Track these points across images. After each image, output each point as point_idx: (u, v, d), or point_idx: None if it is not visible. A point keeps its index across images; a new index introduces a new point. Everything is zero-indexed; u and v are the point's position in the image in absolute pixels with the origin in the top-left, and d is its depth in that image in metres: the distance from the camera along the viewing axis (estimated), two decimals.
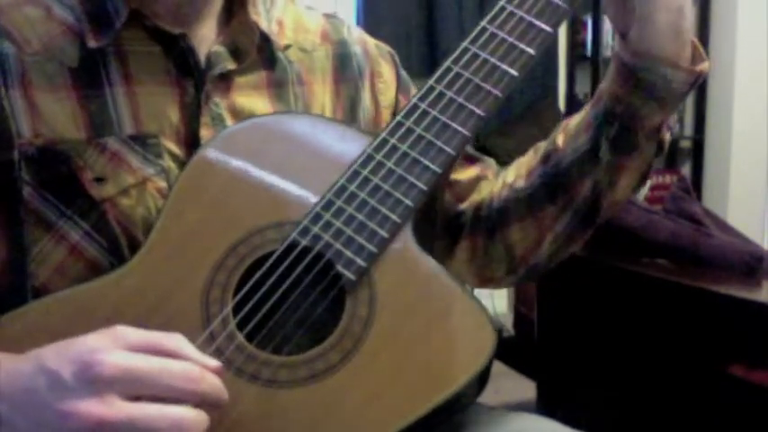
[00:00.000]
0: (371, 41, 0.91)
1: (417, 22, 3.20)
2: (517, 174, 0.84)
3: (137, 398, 0.56)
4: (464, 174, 0.88)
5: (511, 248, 0.84)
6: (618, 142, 0.75)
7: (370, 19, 3.08)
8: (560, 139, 0.80)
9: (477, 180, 0.88)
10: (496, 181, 0.86)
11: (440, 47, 3.16)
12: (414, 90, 0.90)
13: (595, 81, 3.38)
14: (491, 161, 0.91)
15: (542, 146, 0.83)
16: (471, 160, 0.90)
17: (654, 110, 0.73)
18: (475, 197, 0.87)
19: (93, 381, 0.56)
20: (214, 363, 0.60)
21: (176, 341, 0.59)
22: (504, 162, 0.89)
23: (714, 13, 3.86)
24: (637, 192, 0.81)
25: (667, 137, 0.78)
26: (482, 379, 0.66)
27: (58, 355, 0.58)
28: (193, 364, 0.58)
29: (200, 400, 0.57)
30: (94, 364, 0.56)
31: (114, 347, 0.57)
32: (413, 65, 3.02)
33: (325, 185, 0.69)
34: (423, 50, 3.19)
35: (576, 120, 0.80)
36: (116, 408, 0.55)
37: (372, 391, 0.64)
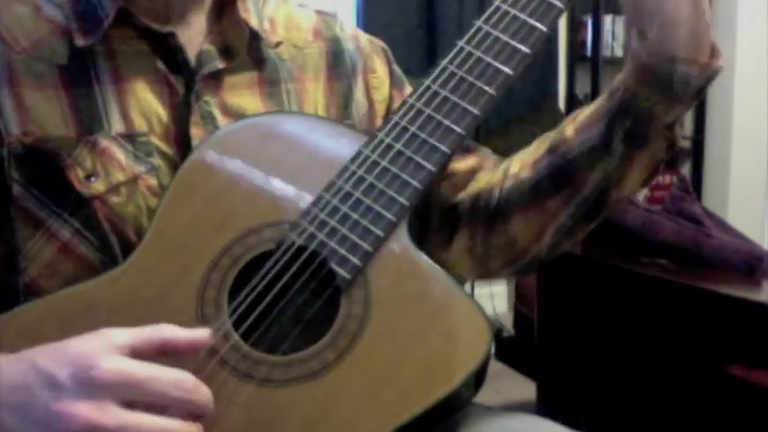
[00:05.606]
0: (365, 37, 0.91)
1: (417, 23, 3.20)
2: (522, 164, 0.83)
3: (129, 402, 0.57)
4: (461, 164, 0.87)
5: (512, 239, 0.83)
6: (630, 135, 0.75)
7: (370, 19, 3.07)
8: (569, 131, 0.79)
9: (474, 170, 0.88)
10: (495, 171, 0.86)
11: (440, 47, 3.16)
12: (408, 86, 0.90)
13: (595, 81, 3.38)
14: (488, 151, 0.90)
15: (549, 136, 0.82)
16: (468, 150, 0.89)
17: (670, 107, 0.73)
18: (472, 188, 0.86)
19: (90, 384, 0.56)
20: (202, 333, 0.61)
21: (163, 333, 0.60)
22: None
23: (714, 13, 3.85)
24: (645, 187, 0.81)
25: (678, 132, 0.78)
26: (478, 378, 0.66)
27: (52, 357, 0.58)
28: (187, 374, 0.58)
29: (190, 408, 0.58)
30: (91, 367, 0.56)
31: (109, 351, 0.57)
32: (413, 65, 3.01)
33: (320, 185, 0.69)
34: (423, 50, 3.19)
35: (587, 112, 0.79)
36: (110, 414, 0.56)
37: (368, 389, 0.64)
